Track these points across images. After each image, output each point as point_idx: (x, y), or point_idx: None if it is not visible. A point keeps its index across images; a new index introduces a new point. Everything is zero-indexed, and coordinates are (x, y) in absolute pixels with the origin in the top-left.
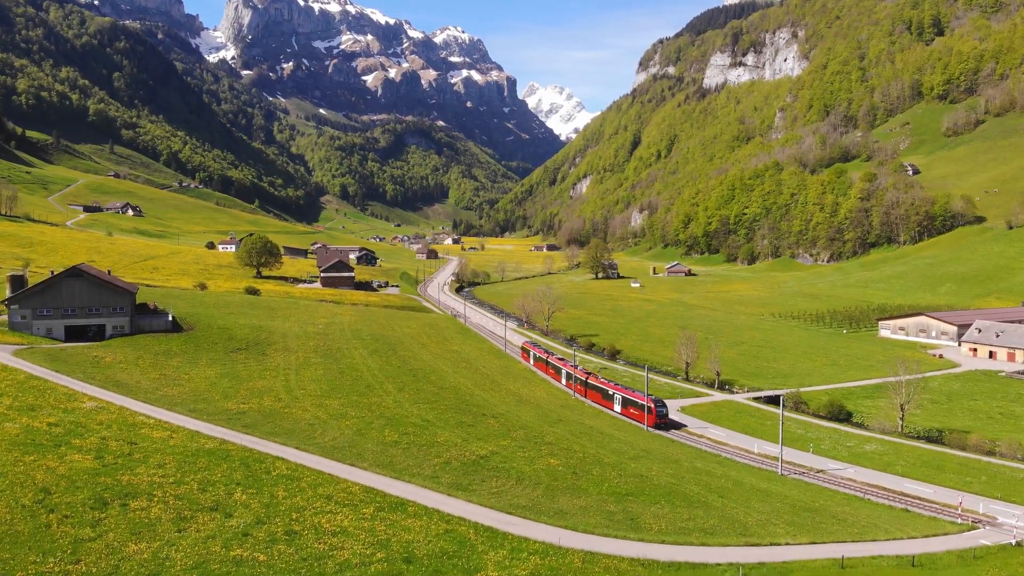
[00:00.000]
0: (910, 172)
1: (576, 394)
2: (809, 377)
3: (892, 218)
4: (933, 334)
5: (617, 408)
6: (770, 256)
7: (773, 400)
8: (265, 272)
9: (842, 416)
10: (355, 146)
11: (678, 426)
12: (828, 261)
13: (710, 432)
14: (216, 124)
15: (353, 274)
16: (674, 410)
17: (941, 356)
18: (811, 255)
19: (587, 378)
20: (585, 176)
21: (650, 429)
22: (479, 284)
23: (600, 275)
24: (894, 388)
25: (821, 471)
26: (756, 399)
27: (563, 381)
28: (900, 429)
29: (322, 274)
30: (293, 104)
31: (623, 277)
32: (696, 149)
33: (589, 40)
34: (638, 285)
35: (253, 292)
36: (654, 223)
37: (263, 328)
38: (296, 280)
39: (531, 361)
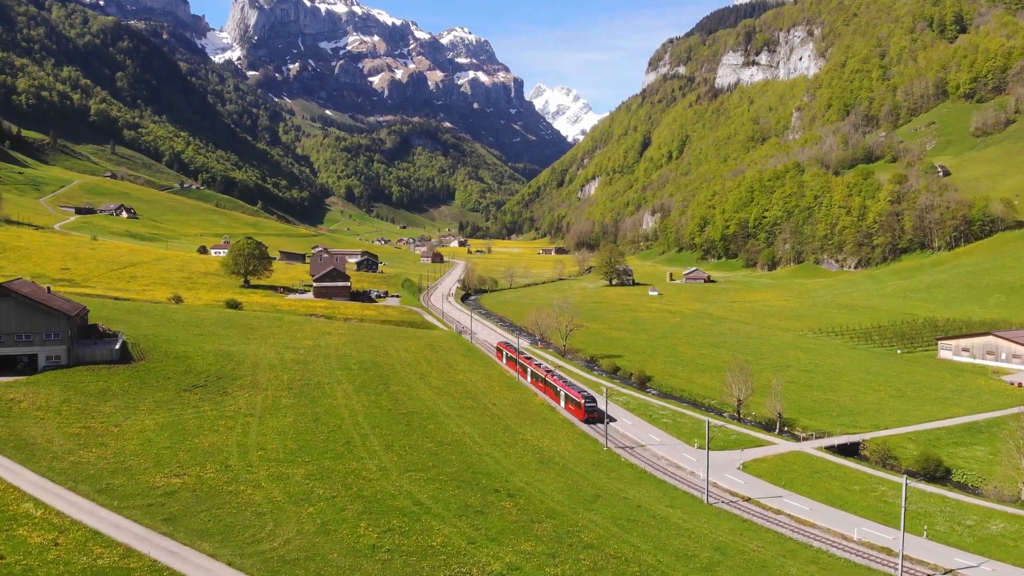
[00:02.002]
0: (941, 174)
1: (536, 389)
2: (879, 415)
3: (926, 222)
4: (1003, 356)
5: (561, 403)
6: (792, 261)
7: (849, 449)
8: (254, 281)
9: (939, 474)
10: (361, 147)
11: (605, 419)
12: (855, 267)
13: (788, 504)
14: (220, 125)
15: (349, 283)
16: (734, 467)
17: (1021, 385)
18: (837, 261)
19: (546, 376)
20: (594, 177)
21: (580, 424)
22: (486, 291)
23: (615, 281)
24: (1015, 444)
25: (950, 572)
26: (829, 449)
27: (528, 379)
28: (1023, 496)
29: (315, 283)
30: (299, 105)
31: (639, 284)
32: (709, 150)
33: (595, 42)
34: (656, 293)
35: (234, 306)
36: (667, 226)
37: (231, 356)
38: (287, 290)
39: (503, 360)
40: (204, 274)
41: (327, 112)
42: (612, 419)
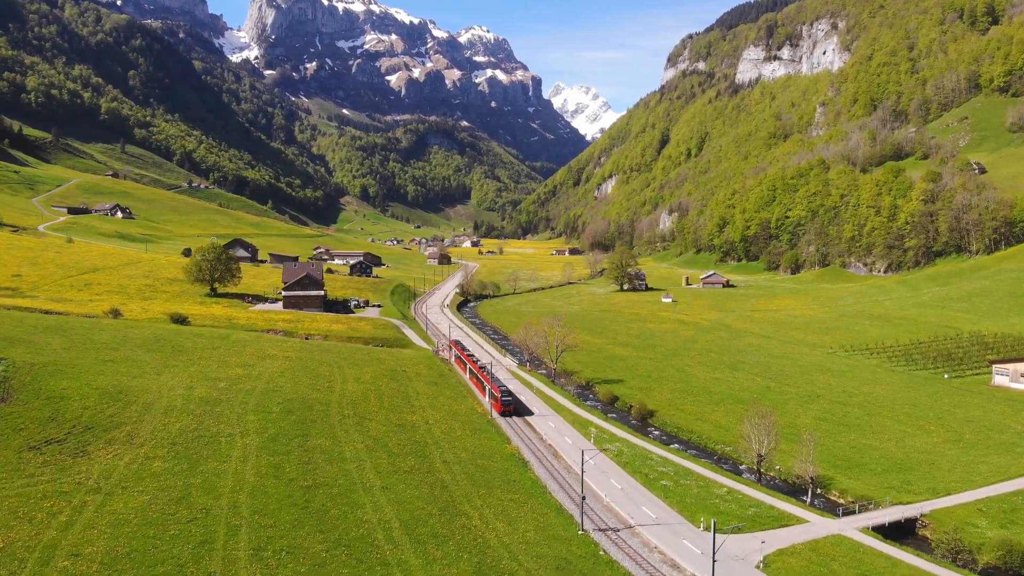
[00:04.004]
0: (976, 171)
1: (472, 385)
2: (934, 470)
3: (963, 223)
4: None
5: (486, 398)
6: (817, 264)
7: (903, 528)
8: (221, 289)
9: None
10: (376, 146)
11: (522, 413)
12: (885, 272)
13: None
14: (234, 124)
15: (322, 292)
16: (752, 564)
17: None
18: (865, 264)
19: (479, 372)
20: (610, 176)
21: (497, 415)
22: (488, 297)
23: (626, 286)
24: None
25: None
26: (878, 530)
27: (467, 375)
28: None
29: (283, 292)
30: (316, 104)
31: (652, 289)
32: (729, 147)
33: (612, 40)
34: (670, 300)
35: (180, 320)
36: (685, 226)
37: (124, 394)
38: (257, 299)
39: (452, 358)
40: (170, 281)
41: (344, 111)
42: (531, 412)
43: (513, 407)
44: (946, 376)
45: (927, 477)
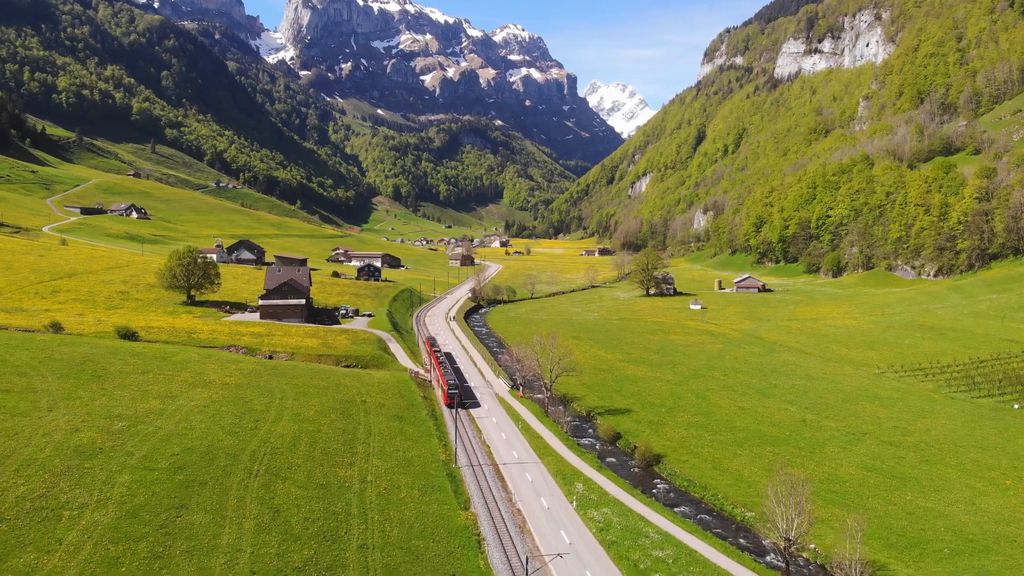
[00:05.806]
0: None
1: (434, 382)
2: (1017, 547)
3: (1021, 224)
4: None
5: (439, 391)
6: (861, 267)
7: None
8: (200, 296)
9: None
10: (409, 146)
11: (467, 405)
12: (935, 275)
13: None
14: (267, 124)
15: (304, 300)
16: None
17: None
18: (913, 268)
19: (437, 366)
20: (645, 174)
21: (445, 406)
22: (501, 302)
23: (652, 291)
24: None
25: None
26: None
27: (431, 371)
28: None
29: (261, 301)
30: (351, 104)
31: (681, 294)
32: (767, 143)
33: (649, 37)
34: (699, 307)
35: (127, 336)
36: (720, 225)
37: None
38: (237, 307)
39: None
40: (149, 287)
41: (379, 111)
42: (476, 405)
43: (458, 399)
44: (1016, 406)
45: (1008, 564)
